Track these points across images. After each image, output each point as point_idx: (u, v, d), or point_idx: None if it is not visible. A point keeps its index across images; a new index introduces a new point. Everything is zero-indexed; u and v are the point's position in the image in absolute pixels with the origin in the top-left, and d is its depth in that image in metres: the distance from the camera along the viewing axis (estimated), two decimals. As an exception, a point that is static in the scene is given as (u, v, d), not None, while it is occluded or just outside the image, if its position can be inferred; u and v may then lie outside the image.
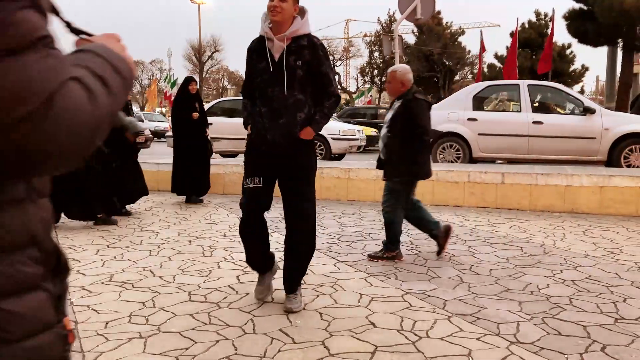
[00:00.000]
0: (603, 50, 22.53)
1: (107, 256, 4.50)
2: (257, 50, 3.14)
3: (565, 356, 2.62)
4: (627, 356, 2.62)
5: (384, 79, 46.55)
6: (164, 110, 42.76)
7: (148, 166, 8.71)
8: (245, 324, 3.03)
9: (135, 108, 61.73)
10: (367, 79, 48.10)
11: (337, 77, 45.88)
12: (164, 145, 14.34)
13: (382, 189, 4.73)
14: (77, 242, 5.01)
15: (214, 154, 12.70)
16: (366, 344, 2.75)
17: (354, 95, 48.64)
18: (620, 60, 21.20)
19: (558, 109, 10.31)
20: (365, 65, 48.13)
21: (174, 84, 40.46)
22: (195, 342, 2.78)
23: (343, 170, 7.58)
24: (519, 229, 5.68)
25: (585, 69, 34.71)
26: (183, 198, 7.59)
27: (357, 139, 17.41)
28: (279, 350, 2.68)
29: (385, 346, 2.73)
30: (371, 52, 47.25)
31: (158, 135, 21.46)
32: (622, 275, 4.00)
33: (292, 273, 3.31)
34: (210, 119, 12.82)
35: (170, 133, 13.74)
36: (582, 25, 20.71)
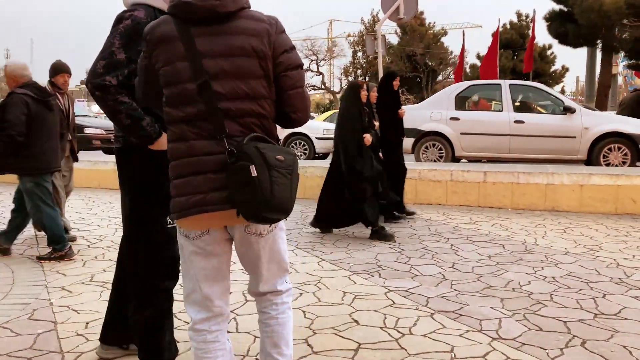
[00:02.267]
0: (583, 51, 22.86)
1: (88, 256, 4.45)
2: None
3: (546, 351, 2.65)
4: (607, 350, 2.66)
5: (367, 78, 46.74)
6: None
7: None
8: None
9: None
10: (350, 79, 48.21)
11: (320, 77, 45.62)
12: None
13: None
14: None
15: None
16: (349, 342, 2.76)
17: (337, 96, 48.76)
18: (600, 61, 21.52)
19: (539, 109, 10.42)
20: (348, 65, 48.23)
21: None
22: (178, 342, 2.74)
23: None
24: (500, 227, 5.73)
25: (565, 69, 35.21)
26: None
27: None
28: (262, 349, 2.66)
29: (368, 343, 2.73)
30: (355, 52, 47.37)
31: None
32: (601, 271, 4.06)
33: None
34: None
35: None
36: (562, 26, 20.99)
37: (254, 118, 1.76)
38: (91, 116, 17.17)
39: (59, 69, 5.13)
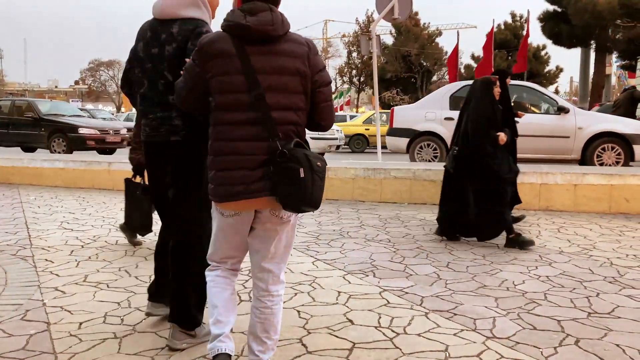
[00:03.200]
0: (577, 52, 22.96)
1: (82, 257, 4.43)
2: None
3: (540, 350, 2.65)
4: (600, 349, 2.66)
5: (362, 79, 46.79)
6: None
7: (124, 166, 8.62)
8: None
9: (111, 108, 60.94)
10: (345, 79, 48.25)
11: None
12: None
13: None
14: (50, 242, 4.92)
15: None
16: (344, 341, 2.75)
17: (333, 96, 48.77)
18: (593, 61, 21.62)
19: (533, 109, 10.46)
20: (343, 65, 48.29)
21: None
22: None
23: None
24: (495, 227, 5.74)
25: (559, 70, 35.36)
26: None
27: (336, 139, 17.48)
28: (257, 349, 2.66)
29: (363, 343, 2.73)
30: (349, 53, 47.43)
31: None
32: (595, 270, 4.07)
33: None
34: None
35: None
36: (556, 26, 21.08)
37: (292, 126, 2.12)
38: (85, 116, 17.09)
39: None
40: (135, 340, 2.77)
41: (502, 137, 4.88)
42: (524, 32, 21.78)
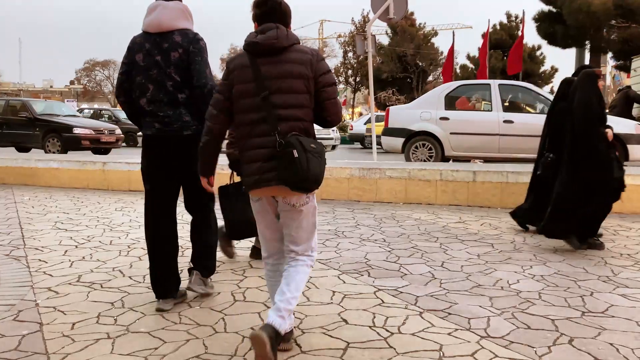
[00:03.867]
0: (572, 52, 23.02)
1: (76, 257, 4.41)
2: None
3: (534, 349, 2.65)
4: (594, 348, 2.67)
5: (358, 79, 46.81)
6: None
7: (119, 166, 8.59)
8: (216, 322, 3.00)
9: (107, 106, 60.84)
10: (341, 79, 48.23)
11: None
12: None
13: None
14: (44, 242, 4.89)
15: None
16: (338, 341, 2.75)
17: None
18: (588, 61, 21.69)
19: (528, 109, 10.48)
20: (339, 65, 48.25)
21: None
22: (165, 342, 2.73)
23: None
24: (490, 226, 5.76)
25: (554, 70, 35.46)
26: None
27: (332, 138, 17.47)
28: (250, 349, 2.65)
29: (357, 342, 2.73)
30: (345, 53, 47.41)
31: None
32: (589, 269, 4.08)
33: None
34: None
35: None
36: (551, 27, 21.13)
37: (299, 122, 2.48)
38: (80, 116, 17.03)
39: None
40: (129, 340, 2.76)
41: (610, 133, 4.63)
42: (519, 33, 21.84)
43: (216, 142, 2.65)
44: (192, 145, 3.05)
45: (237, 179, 4.05)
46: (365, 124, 21.81)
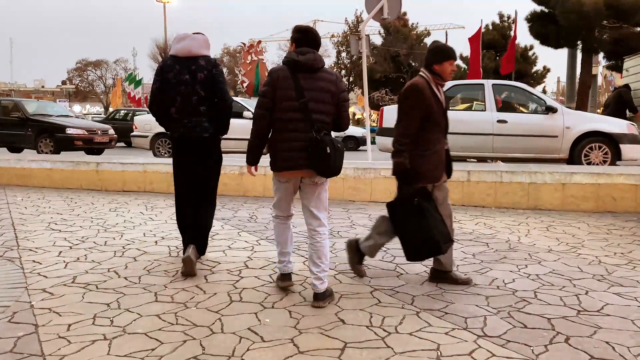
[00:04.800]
0: (564, 52, 23.12)
1: (70, 258, 4.38)
2: None
3: (531, 348, 2.67)
4: (590, 346, 2.68)
5: (351, 79, 46.83)
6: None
7: (113, 166, 8.56)
8: (213, 323, 2.99)
9: (99, 108, 60.39)
10: (335, 79, 48.14)
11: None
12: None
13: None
14: (38, 244, 4.86)
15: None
16: (335, 341, 2.75)
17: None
18: (580, 61, 21.79)
19: (521, 108, 10.52)
20: (333, 65, 48.26)
21: (138, 83, 39.61)
22: (162, 343, 2.73)
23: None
24: (484, 226, 5.77)
25: (546, 70, 35.56)
26: (148, 199, 7.45)
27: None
28: (248, 349, 2.65)
29: (354, 342, 2.73)
30: (339, 53, 47.43)
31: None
32: (584, 268, 4.10)
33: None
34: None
35: (136, 132, 13.57)
36: (543, 27, 21.19)
37: (325, 124, 3.30)
38: (73, 116, 16.93)
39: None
40: (125, 341, 2.75)
41: None
42: (512, 33, 21.92)
43: (263, 137, 3.39)
44: (208, 144, 4.09)
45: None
46: None
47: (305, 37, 3.36)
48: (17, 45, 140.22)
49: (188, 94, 3.97)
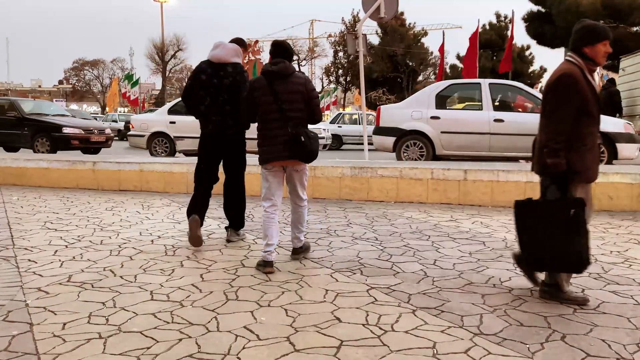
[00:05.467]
0: (560, 52, 23.18)
1: (66, 257, 4.37)
2: None
3: (527, 346, 2.66)
4: (586, 344, 2.68)
5: (348, 78, 46.84)
6: (125, 110, 41.68)
7: (109, 165, 8.53)
8: (209, 321, 2.98)
9: (95, 108, 60.27)
10: (332, 79, 48.24)
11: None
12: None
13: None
14: (33, 242, 4.85)
15: (177, 152, 12.61)
16: (331, 339, 2.74)
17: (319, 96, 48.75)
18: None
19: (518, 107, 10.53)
20: (330, 65, 48.27)
21: (135, 83, 39.50)
22: (157, 341, 2.71)
23: (309, 168, 7.56)
24: (481, 224, 5.78)
25: (543, 69, 35.63)
26: (144, 198, 7.42)
27: (323, 138, 17.50)
28: (244, 347, 2.64)
29: (350, 340, 2.72)
30: (336, 52, 47.45)
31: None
32: (580, 267, 4.10)
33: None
34: (173, 118, 12.73)
35: (132, 132, 13.53)
36: (540, 27, 21.27)
37: (300, 120, 4.01)
38: (69, 116, 16.88)
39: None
40: (121, 340, 2.73)
41: None
42: (509, 33, 21.95)
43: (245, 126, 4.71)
44: (232, 140, 4.77)
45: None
46: (332, 122, 21.91)
47: (277, 50, 4.13)
48: (14, 44, 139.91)
49: (216, 95, 4.63)
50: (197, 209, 4.70)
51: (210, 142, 4.75)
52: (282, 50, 4.13)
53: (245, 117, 4.24)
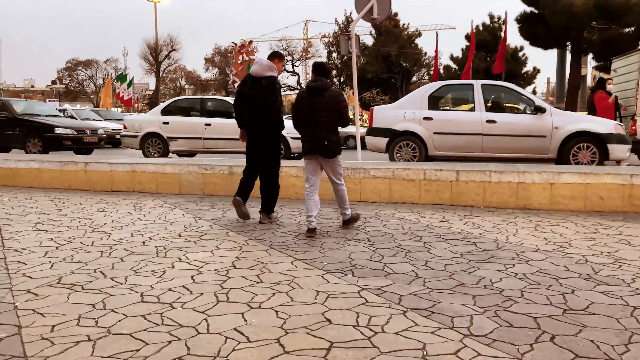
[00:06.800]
0: (553, 53, 23.29)
1: (56, 258, 4.34)
2: None
3: (517, 347, 2.67)
4: (575, 345, 2.69)
5: (342, 79, 46.85)
6: (119, 110, 41.43)
7: (101, 166, 8.50)
8: (199, 323, 2.97)
9: (88, 107, 60.12)
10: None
11: (296, 78, 45.67)
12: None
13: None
14: (23, 244, 4.82)
15: (170, 153, 12.56)
16: (322, 341, 2.74)
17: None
18: (569, 62, 21.94)
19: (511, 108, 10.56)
20: (324, 65, 48.13)
21: (130, 83, 39.33)
22: (147, 344, 2.70)
23: (301, 169, 7.55)
24: (473, 225, 5.79)
25: (536, 70, 35.77)
26: (136, 199, 7.39)
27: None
28: (233, 350, 2.64)
29: (340, 342, 2.72)
30: (329, 53, 47.46)
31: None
32: (570, 268, 4.12)
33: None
34: (166, 118, 12.69)
35: (125, 132, 13.47)
36: (533, 28, 21.33)
37: (329, 125, 5.28)
38: (62, 116, 16.80)
39: None
40: (110, 342, 2.72)
41: None
42: (502, 34, 22.02)
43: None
44: (269, 136, 5.83)
45: None
46: None
47: (318, 70, 5.43)
48: (6, 44, 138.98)
49: (255, 101, 5.75)
50: (240, 191, 5.86)
51: (253, 134, 5.85)
52: (321, 70, 5.42)
53: (293, 120, 5.49)
